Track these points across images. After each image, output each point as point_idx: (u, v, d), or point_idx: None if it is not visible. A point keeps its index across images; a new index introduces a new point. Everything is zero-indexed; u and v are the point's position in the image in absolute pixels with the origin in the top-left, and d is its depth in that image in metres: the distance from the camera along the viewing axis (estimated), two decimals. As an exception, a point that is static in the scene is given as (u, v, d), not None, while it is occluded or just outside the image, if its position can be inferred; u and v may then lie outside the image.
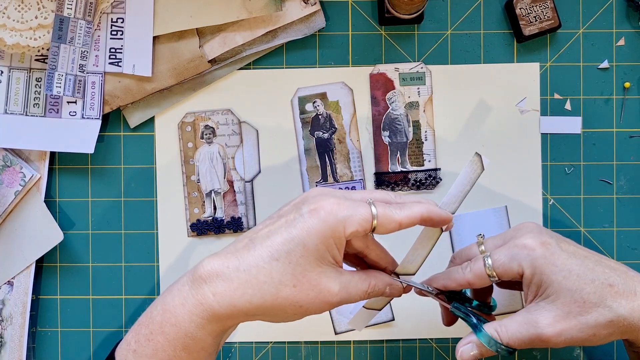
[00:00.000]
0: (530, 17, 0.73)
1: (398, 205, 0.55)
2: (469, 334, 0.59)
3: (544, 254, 0.56)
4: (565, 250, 0.57)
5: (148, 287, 0.76)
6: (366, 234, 0.56)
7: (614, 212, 0.75)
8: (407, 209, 0.55)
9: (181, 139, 0.75)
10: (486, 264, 0.57)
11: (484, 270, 0.58)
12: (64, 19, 0.71)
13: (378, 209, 0.53)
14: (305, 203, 0.53)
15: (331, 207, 0.52)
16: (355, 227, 0.52)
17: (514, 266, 0.56)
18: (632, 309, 0.54)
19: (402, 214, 0.54)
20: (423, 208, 0.55)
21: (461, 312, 0.59)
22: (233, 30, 0.74)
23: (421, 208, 0.55)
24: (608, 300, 0.54)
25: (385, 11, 0.73)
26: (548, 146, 0.75)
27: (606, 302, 0.54)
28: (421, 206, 0.55)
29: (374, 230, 0.54)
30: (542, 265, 0.55)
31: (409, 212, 0.54)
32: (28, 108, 0.74)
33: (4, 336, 0.75)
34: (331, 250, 0.52)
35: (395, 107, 0.75)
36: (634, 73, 0.75)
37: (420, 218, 0.55)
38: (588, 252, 0.58)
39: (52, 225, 0.74)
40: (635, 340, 0.56)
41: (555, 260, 0.55)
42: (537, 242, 0.56)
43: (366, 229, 0.53)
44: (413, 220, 0.55)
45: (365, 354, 0.76)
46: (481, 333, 0.57)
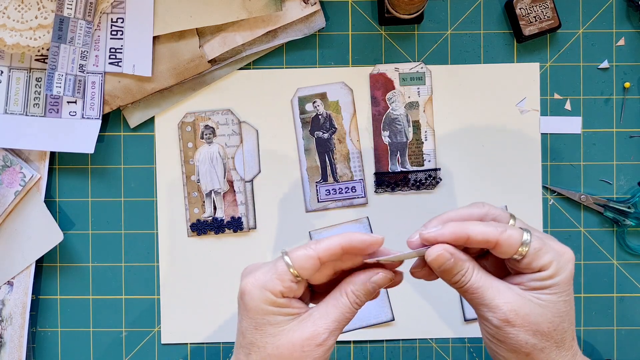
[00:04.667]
0: (530, 17, 0.73)
1: (316, 241, 0.53)
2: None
3: (572, 270, 0.55)
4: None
5: (148, 287, 0.76)
6: (313, 268, 0.53)
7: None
8: (325, 242, 0.53)
9: (181, 139, 0.75)
10: (524, 238, 0.53)
11: (519, 241, 0.53)
12: (64, 19, 0.71)
13: (291, 254, 0.53)
14: (239, 291, 0.55)
15: (250, 286, 0.53)
16: (276, 286, 0.52)
17: (545, 258, 0.53)
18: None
19: (318, 248, 0.52)
20: (342, 237, 0.53)
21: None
22: (233, 30, 0.74)
23: (340, 238, 0.53)
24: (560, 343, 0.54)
25: (385, 11, 0.73)
26: (548, 146, 0.75)
27: (560, 342, 0.54)
28: (340, 236, 0.53)
29: (299, 277, 0.53)
30: (568, 278, 0.54)
31: (327, 244, 0.53)
32: (28, 108, 0.74)
33: (4, 336, 0.75)
34: (277, 312, 0.53)
35: (395, 107, 0.75)
36: (634, 73, 0.75)
37: (341, 247, 0.53)
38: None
39: (52, 225, 0.74)
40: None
41: (571, 286, 0.55)
42: (572, 254, 0.55)
43: (289, 280, 0.52)
44: (333, 251, 0.53)
45: (365, 354, 0.76)
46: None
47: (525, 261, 0.53)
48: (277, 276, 0.52)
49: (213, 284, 0.76)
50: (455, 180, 0.75)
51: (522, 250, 0.53)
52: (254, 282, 0.53)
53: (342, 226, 0.75)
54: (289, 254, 0.53)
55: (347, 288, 0.54)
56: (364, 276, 0.55)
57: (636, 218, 0.74)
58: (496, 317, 0.53)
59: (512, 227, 0.53)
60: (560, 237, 0.75)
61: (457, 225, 0.53)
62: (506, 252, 0.53)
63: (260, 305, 0.52)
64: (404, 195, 0.76)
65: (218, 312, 0.76)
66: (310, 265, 0.52)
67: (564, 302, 0.53)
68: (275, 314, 0.53)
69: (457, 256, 0.53)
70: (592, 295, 0.76)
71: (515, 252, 0.53)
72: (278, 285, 0.52)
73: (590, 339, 0.76)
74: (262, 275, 0.53)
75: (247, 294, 0.53)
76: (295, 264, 0.52)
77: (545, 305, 0.53)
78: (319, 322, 0.53)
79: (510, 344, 0.53)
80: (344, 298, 0.54)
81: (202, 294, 0.76)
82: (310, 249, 0.53)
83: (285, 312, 0.53)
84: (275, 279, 0.52)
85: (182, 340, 0.76)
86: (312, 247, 0.53)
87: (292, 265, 0.52)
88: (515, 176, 0.75)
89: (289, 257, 0.53)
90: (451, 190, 0.75)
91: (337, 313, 0.54)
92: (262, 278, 0.53)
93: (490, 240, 0.52)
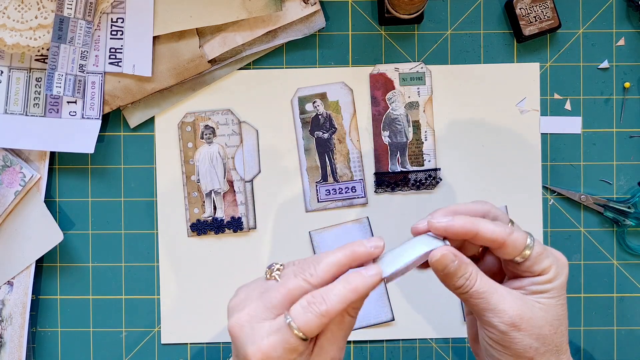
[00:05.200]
0: (530, 17, 0.73)
1: (322, 296, 0.50)
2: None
3: (567, 276, 0.55)
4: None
5: (148, 287, 0.76)
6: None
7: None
8: (334, 298, 0.50)
9: (181, 139, 0.75)
10: (527, 242, 0.53)
11: (524, 244, 0.53)
12: (64, 19, 0.71)
13: (298, 322, 0.49)
14: (238, 356, 0.51)
15: (256, 358, 0.50)
16: (289, 356, 0.50)
17: (546, 263, 0.53)
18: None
19: (329, 313, 0.49)
20: (351, 289, 0.50)
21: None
22: (233, 30, 0.74)
23: (347, 292, 0.50)
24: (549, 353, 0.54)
25: (385, 11, 0.73)
26: (548, 146, 0.75)
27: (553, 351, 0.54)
28: (349, 287, 0.50)
29: (307, 339, 0.50)
30: (563, 283, 0.54)
31: (336, 305, 0.50)
32: (28, 108, 0.74)
33: (4, 336, 0.75)
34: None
35: (395, 107, 0.75)
36: (634, 73, 0.75)
37: (351, 302, 0.50)
38: None
39: (52, 225, 0.74)
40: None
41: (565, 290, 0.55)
42: (567, 268, 0.56)
43: (301, 347, 0.50)
44: (342, 309, 0.50)
45: (365, 354, 0.76)
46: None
47: (526, 264, 0.53)
48: (290, 349, 0.49)
49: (213, 283, 0.76)
50: (455, 180, 0.75)
51: (525, 253, 0.53)
52: (259, 355, 0.50)
53: (342, 226, 0.75)
54: (297, 324, 0.49)
55: (347, 308, 0.53)
56: (343, 289, 0.51)
57: (636, 218, 0.74)
58: (503, 322, 0.52)
59: (517, 229, 0.54)
60: (560, 237, 0.75)
61: (468, 220, 0.53)
62: (510, 253, 0.53)
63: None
64: (404, 195, 0.76)
65: (218, 312, 0.76)
66: (321, 329, 0.50)
67: (561, 306, 0.54)
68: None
69: (460, 258, 0.53)
70: (592, 295, 0.76)
71: (519, 254, 0.53)
72: (292, 355, 0.50)
73: (590, 339, 0.76)
74: (271, 349, 0.49)
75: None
76: (307, 333, 0.49)
77: (546, 309, 0.53)
78: (331, 349, 0.52)
79: (515, 349, 0.53)
80: (345, 316, 0.52)
81: (202, 294, 0.76)
82: (322, 317, 0.49)
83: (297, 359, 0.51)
84: (288, 351, 0.49)
85: (182, 340, 0.76)
86: (322, 311, 0.49)
87: (303, 334, 0.49)
88: (515, 176, 0.75)
89: (297, 327, 0.49)
90: (451, 190, 0.75)
91: (343, 331, 0.52)
92: (273, 353, 0.49)
93: (498, 240, 0.52)
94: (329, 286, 0.51)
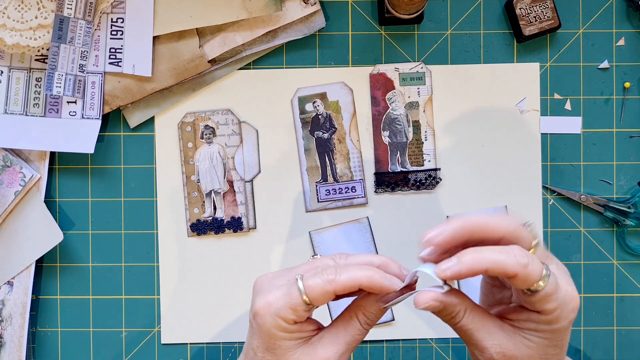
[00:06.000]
0: (530, 17, 0.73)
1: (336, 270, 0.51)
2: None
3: (572, 319, 0.52)
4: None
5: (148, 287, 0.76)
6: (327, 294, 0.52)
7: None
8: (344, 276, 0.51)
9: (181, 139, 0.75)
10: (541, 280, 0.49)
11: (537, 280, 0.49)
12: (64, 19, 0.71)
13: (307, 283, 0.51)
14: (251, 306, 0.54)
15: (262, 311, 0.52)
16: (289, 315, 0.51)
17: (550, 305, 0.50)
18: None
19: (336, 284, 0.51)
20: (363, 275, 0.51)
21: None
22: (233, 30, 0.74)
23: (361, 275, 0.51)
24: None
25: (385, 11, 0.73)
26: (548, 146, 0.75)
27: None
28: (361, 273, 0.51)
29: (311, 305, 0.51)
30: (565, 327, 0.51)
31: (346, 280, 0.51)
32: (28, 108, 0.74)
33: (4, 336, 0.75)
34: (288, 338, 0.52)
35: (395, 107, 0.75)
36: (634, 73, 0.75)
37: (360, 286, 0.51)
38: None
39: (52, 225, 0.74)
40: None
41: (568, 332, 0.52)
42: (578, 300, 0.52)
43: (302, 310, 0.51)
44: (351, 288, 0.51)
45: (365, 354, 0.76)
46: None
47: (530, 298, 0.50)
48: (290, 305, 0.51)
49: (213, 283, 0.76)
50: (455, 180, 0.75)
51: (535, 287, 0.49)
52: (266, 306, 0.52)
53: (342, 226, 0.75)
54: (305, 282, 0.51)
55: (357, 311, 0.54)
56: (374, 297, 0.53)
57: (636, 218, 0.74)
58: (483, 357, 0.52)
59: (534, 260, 0.49)
60: (560, 237, 0.75)
61: (475, 260, 0.49)
62: (521, 286, 0.49)
63: (271, 331, 0.52)
64: (404, 195, 0.76)
65: (218, 312, 0.76)
66: (325, 298, 0.51)
67: (553, 347, 0.51)
68: (287, 339, 0.52)
69: (446, 302, 0.51)
70: (592, 295, 0.76)
71: (528, 287, 0.49)
72: (290, 314, 0.51)
73: (590, 339, 0.76)
74: (275, 300, 0.51)
75: (260, 318, 0.52)
76: (309, 294, 0.51)
77: (535, 348, 0.51)
78: (329, 346, 0.53)
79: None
80: (354, 321, 0.53)
81: (202, 294, 0.76)
82: (327, 283, 0.51)
83: (297, 336, 0.52)
84: (288, 307, 0.51)
85: (182, 340, 0.76)
86: (330, 278, 0.51)
87: (305, 294, 0.51)
88: (515, 176, 0.75)
89: (303, 285, 0.51)
90: (451, 190, 0.75)
91: (347, 337, 0.53)
92: (275, 304, 0.51)
93: (509, 273, 0.48)
94: (347, 265, 0.52)
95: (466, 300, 0.52)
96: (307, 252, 0.75)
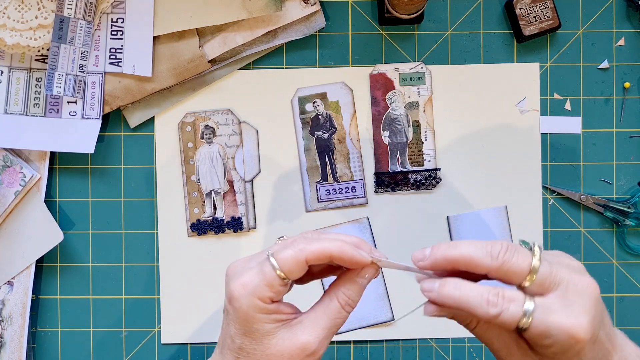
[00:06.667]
0: (530, 17, 0.74)
1: (306, 240, 0.50)
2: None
3: (581, 349, 0.47)
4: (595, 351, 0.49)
5: (148, 287, 0.76)
6: (300, 267, 0.50)
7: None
8: (314, 245, 0.50)
9: (181, 139, 0.75)
10: (525, 311, 0.46)
11: (516, 321, 0.47)
12: (64, 19, 0.71)
13: (277, 256, 0.50)
14: (225, 295, 0.53)
15: (237, 293, 0.50)
16: (265, 293, 0.50)
17: (546, 342, 0.47)
18: None
19: (306, 251, 0.50)
20: (333, 245, 0.50)
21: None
22: (233, 30, 0.74)
23: (331, 245, 0.50)
24: None
25: (385, 11, 0.73)
26: (548, 146, 0.75)
27: None
28: (331, 242, 0.50)
29: (287, 279, 0.50)
30: (572, 356, 0.48)
31: (316, 249, 0.50)
32: (28, 108, 0.74)
33: (4, 336, 0.75)
34: (266, 320, 0.51)
35: (395, 107, 0.75)
36: (634, 73, 0.75)
37: (330, 256, 0.50)
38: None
39: (52, 225, 0.74)
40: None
41: (583, 356, 0.48)
42: (589, 333, 0.46)
43: (278, 285, 0.50)
44: (321, 257, 0.50)
45: (365, 354, 0.76)
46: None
47: (526, 335, 0.48)
48: (265, 282, 0.50)
49: (213, 284, 0.76)
50: (455, 180, 0.75)
51: (521, 326, 0.47)
52: (241, 288, 0.51)
53: (342, 226, 0.75)
54: (275, 256, 0.50)
55: (337, 292, 0.52)
56: (352, 274, 0.52)
57: (636, 218, 0.74)
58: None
59: (510, 304, 0.47)
60: (560, 237, 0.75)
61: (452, 293, 0.48)
62: (504, 327, 0.48)
63: (249, 312, 0.50)
64: (404, 195, 0.76)
65: (218, 312, 0.76)
66: (298, 269, 0.50)
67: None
68: (264, 321, 0.51)
69: (455, 313, 0.51)
70: (592, 295, 0.76)
71: (513, 327, 0.47)
72: (267, 291, 0.50)
73: (590, 339, 0.76)
74: (249, 279, 0.51)
75: (236, 300, 0.51)
76: (283, 267, 0.50)
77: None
78: (309, 330, 0.51)
79: None
80: (334, 303, 0.52)
81: (202, 294, 0.76)
82: (299, 251, 0.50)
83: (275, 318, 0.51)
84: (263, 285, 0.50)
85: (182, 340, 0.76)
86: (300, 247, 0.50)
87: (279, 268, 0.50)
88: (515, 176, 0.75)
89: (275, 259, 0.50)
90: (451, 190, 0.75)
91: (327, 320, 0.52)
92: (250, 284, 0.50)
93: (482, 318, 0.47)
94: (319, 235, 0.51)
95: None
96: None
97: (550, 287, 0.47)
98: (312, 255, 0.50)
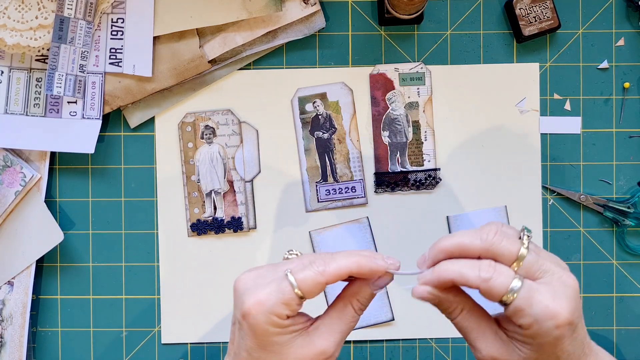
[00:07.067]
0: (530, 17, 0.74)
1: (324, 261, 0.52)
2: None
3: (560, 336, 0.50)
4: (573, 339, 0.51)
5: (148, 287, 0.76)
6: (318, 285, 0.52)
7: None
8: (333, 265, 0.52)
9: (181, 139, 0.75)
10: (511, 288, 0.49)
11: (501, 293, 0.49)
12: (64, 19, 0.71)
13: (297, 276, 0.51)
14: (236, 308, 0.53)
15: (254, 311, 0.51)
16: (283, 311, 0.51)
17: (525, 320, 0.49)
18: None
19: (326, 274, 0.51)
20: (351, 262, 0.52)
21: None
22: (233, 31, 0.74)
23: (349, 263, 0.52)
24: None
25: (385, 11, 0.73)
26: (548, 146, 0.75)
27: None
28: (350, 260, 0.52)
29: (304, 298, 0.52)
30: (551, 344, 0.50)
31: (335, 269, 0.52)
32: (28, 108, 0.74)
33: (4, 336, 0.75)
34: (283, 332, 0.52)
35: (395, 107, 0.75)
36: (633, 73, 0.75)
37: (349, 273, 0.52)
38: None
39: (52, 225, 0.74)
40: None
41: (561, 346, 0.51)
42: (569, 317, 0.49)
43: (295, 304, 0.52)
44: (341, 277, 0.52)
45: (365, 354, 0.76)
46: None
47: (506, 312, 0.51)
48: (283, 301, 0.51)
49: (213, 283, 0.76)
50: (455, 180, 0.75)
51: (505, 299, 0.49)
52: (258, 306, 0.51)
53: (342, 226, 0.75)
54: (295, 275, 0.51)
55: (351, 298, 0.54)
56: (365, 282, 0.54)
57: (636, 218, 0.74)
58: (476, 357, 0.54)
59: (500, 275, 0.49)
60: (559, 237, 0.75)
61: (443, 272, 0.51)
62: (488, 298, 0.50)
63: (266, 329, 0.51)
64: (404, 195, 0.76)
65: (218, 312, 0.76)
66: (317, 290, 0.52)
67: (547, 357, 0.51)
68: (282, 334, 0.52)
69: (442, 298, 0.53)
70: (592, 295, 0.76)
71: (498, 300, 0.50)
72: (284, 309, 0.51)
73: (590, 339, 0.76)
74: (265, 297, 0.51)
75: (252, 317, 0.51)
76: (302, 287, 0.51)
77: (526, 358, 0.51)
78: (326, 335, 0.53)
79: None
80: (349, 309, 0.54)
81: (202, 294, 0.76)
82: (318, 274, 0.51)
83: (291, 330, 0.53)
84: (281, 303, 0.51)
85: (182, 340, 0.76)
86: (320, 270, 0.51)
87: (299, 288, 0.51)
88: (515, 176, 0.75)
89: (294, 279, 0.51)
90: (451, 190, 0.75)
91: (342, 324, 0.54)
92: (266, 302, 0.51)
93: (471, 286, 0.50)
94: (334, 255, 0.53)
95: (465, 300, 0.54)
96: (307, 252, 0.75)
97: (536, 274, 0.50)
98: (332, 276, 0.52)
